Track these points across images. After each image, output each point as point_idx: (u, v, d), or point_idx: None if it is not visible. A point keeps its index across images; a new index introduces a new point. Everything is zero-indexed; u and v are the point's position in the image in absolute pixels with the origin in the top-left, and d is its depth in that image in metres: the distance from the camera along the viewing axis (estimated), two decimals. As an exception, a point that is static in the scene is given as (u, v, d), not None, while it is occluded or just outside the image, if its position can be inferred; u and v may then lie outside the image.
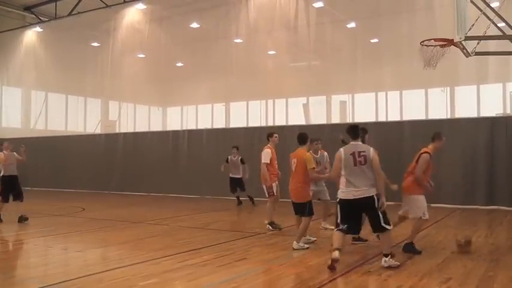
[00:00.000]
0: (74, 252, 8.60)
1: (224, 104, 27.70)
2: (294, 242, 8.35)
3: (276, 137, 10.70)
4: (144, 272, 6.90)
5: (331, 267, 6.57)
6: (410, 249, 7.94)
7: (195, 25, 23.85)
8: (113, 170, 21.66)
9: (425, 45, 9.13)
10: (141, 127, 28.71)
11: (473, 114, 17.77)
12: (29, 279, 6.70)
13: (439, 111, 19.38)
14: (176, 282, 6.31)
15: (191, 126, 27.48)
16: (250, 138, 17.77)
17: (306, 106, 23.81)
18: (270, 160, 10.36)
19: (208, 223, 11.67)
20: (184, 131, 21.01)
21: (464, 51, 8.57)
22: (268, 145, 10.59)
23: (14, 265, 8.05)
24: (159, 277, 6.54)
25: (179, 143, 20.07)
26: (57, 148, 23.71)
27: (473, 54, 8.79)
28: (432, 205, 12.87)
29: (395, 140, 15.00)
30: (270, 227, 10.33)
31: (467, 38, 8.22)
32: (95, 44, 25.93)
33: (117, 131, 26.00)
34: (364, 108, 22.83)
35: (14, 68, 26.29)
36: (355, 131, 7.10)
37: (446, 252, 7.98)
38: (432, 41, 8.98)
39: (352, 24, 21.66)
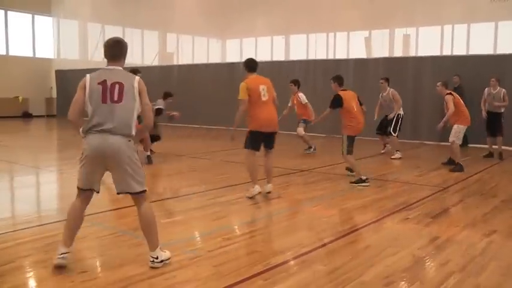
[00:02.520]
0: (107, 184, 8.49)
1: (284, 36, 26.96)
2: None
3: None
4: (172, 209, 6.73)
5: None
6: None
7: None
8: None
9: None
10: (200, 59, 28.40)
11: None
12: (51, 210, 6.65)
13: (509, 46, 17.97)
14: (199, 221, 6.06)
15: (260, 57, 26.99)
16: (311, 72, 17.21)
17: (368, 39, 22.94)
18: None
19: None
20: (239, 63, 20.58)
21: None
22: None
23: (42, 195, 8.10)
24: (184, 214, 6.32)
25: (235, 76, 19.65)
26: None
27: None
28: (491, 146, 12.15)
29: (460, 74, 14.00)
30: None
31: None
32: (151, -25, 25.49)
33: (174, 63, 25.84)
34: (429, 42, 21.56)
35: (70, 0, 26.31)
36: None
37: (496, 200, 7.35)
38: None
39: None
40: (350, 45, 24.62)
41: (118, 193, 4.39)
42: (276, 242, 5.31)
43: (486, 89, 12.05)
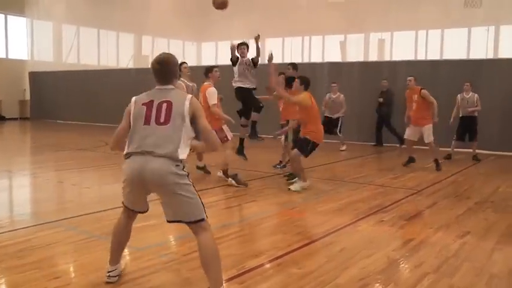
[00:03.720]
0: (82, 189, 8.41)
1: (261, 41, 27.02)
2: None
3: (216, 71, 8.85)
4: (147, 213, 6.65)
5: None
6: None
7: None
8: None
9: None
10: (175, 62, 28.34)
11: (517, 55, 16.64)
12: (24, 215, 6.53)
13: (482, 51, 18.27)
14: (174, 225, 5.99)
15: (226, 61, 26.96)
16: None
17: (343, 43, 23.09)
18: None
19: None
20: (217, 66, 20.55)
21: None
22: (209, 83, 8.75)
23: (14, 200, 7.96)
24: (159, 218, 6.21)
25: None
26: (89, 82, 23.70)
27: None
28: (465, 150, 12.34)
29: (433, 79, 14.20)
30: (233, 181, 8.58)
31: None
32: (127, -24, 25.32)
33: (149, 66, 25.67)
34: (403, 47, 21.79)
35: (45, 1, 25.97)
36: None
37: (469, 202, 7.46)
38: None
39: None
40: (325, 48, 24.75)
41: (168, 221, 3.86)
42: (251, 245, 5.30)
43: (459, 94, 12.25)
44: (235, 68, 9.28)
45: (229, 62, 9.38)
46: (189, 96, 3.84)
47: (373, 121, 15.49)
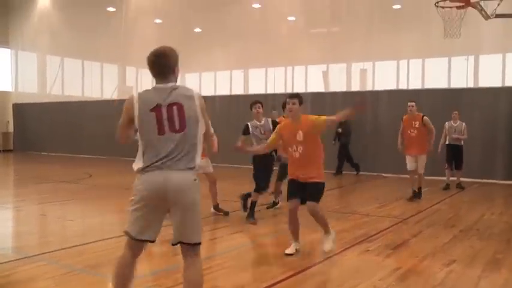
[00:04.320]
0: (65, 221, 8.30)
1: (243, 70, 27.18)
2: None
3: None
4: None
5: None
6: None
7: (197, 30, 23.30)
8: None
9: (441, 7, 8.47)
10: (159, 93, 28.38)
11: (497, 84, 16.94)
12: (5, 249, 6.38)
13: (462, 81, 18.57)
14: (160, 257, 5.95)
15: (210, 92, 27.06)
16: (269, 106, 17.32)
17: (325, 73, 23.29)
18: None
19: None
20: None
21: (483, 12, 7.91)
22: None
23: None
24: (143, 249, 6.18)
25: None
26: (73, 113, 23.64)
27: (493, 16, 8.13)
28: (450, 179, 12.40)
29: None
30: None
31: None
32: (111, 9, 25.42)
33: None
34: (385, 76, 22.04)
35: (29, 32, 26.05)
36: None
37: (455, 230, 7.48)
38: (448, 1, 8.31)
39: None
40: (308, 78, 24.96)
41: (173, 244, 3.57)
42: (236, 277, 5.23)
43: (447, 122, 12.34)
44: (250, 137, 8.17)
45: (211, 93, 9.23)
46: (195, 91, 3.60)
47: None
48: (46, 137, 24.68)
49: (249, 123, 8.15)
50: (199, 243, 3.56)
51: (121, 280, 3.56)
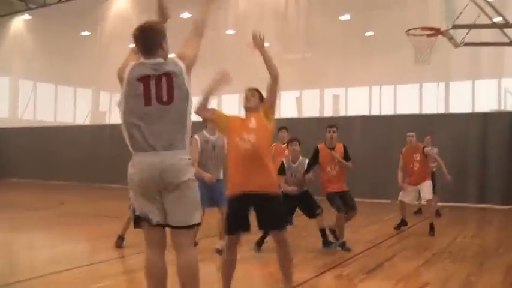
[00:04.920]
0: (33, 250, 8.12)
1: (216, 96, 27.26)
2: None
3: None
4: (101, 273, 6.43)
5: None
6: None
7: (186, 15, 23.30)
8: (100, 162, 21.19)
9: (412, 34, 8.65)
10: (133, 119, 28.25)
11: (467, 110, 17.31)
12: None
13: (433, 106, 18.92)
14: (130, 285, 5.85)
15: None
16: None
17: (299, 99, 23.46)
18: None
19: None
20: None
21: (452, 41, 8.10)
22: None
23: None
24: (114, 279, 6.06)
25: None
26: (45, 138, 23.34)
27: (463, 44, 8.33)
28: (421, 202, 12.49)
29: (388, 134, 14.56)
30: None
31: (454, 27, 7.75)
32: (85, 33, 25.37)
33: (106, 122, 25.53)
34: (358, 102, 22.32)
35: (2, 56, 25.85)
36: None
37: (427, 254, 7.52)
38: (419, 29, 8.50)
39: (346, 17, 21.15)
40: (281, 104, 25.08)
41: (175, 227, 3.51)
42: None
43: None
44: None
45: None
46: (176, 59, 3.50)
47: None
48: (17, 163, 24.27)
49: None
50: (198, 224, 3.57)
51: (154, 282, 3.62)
